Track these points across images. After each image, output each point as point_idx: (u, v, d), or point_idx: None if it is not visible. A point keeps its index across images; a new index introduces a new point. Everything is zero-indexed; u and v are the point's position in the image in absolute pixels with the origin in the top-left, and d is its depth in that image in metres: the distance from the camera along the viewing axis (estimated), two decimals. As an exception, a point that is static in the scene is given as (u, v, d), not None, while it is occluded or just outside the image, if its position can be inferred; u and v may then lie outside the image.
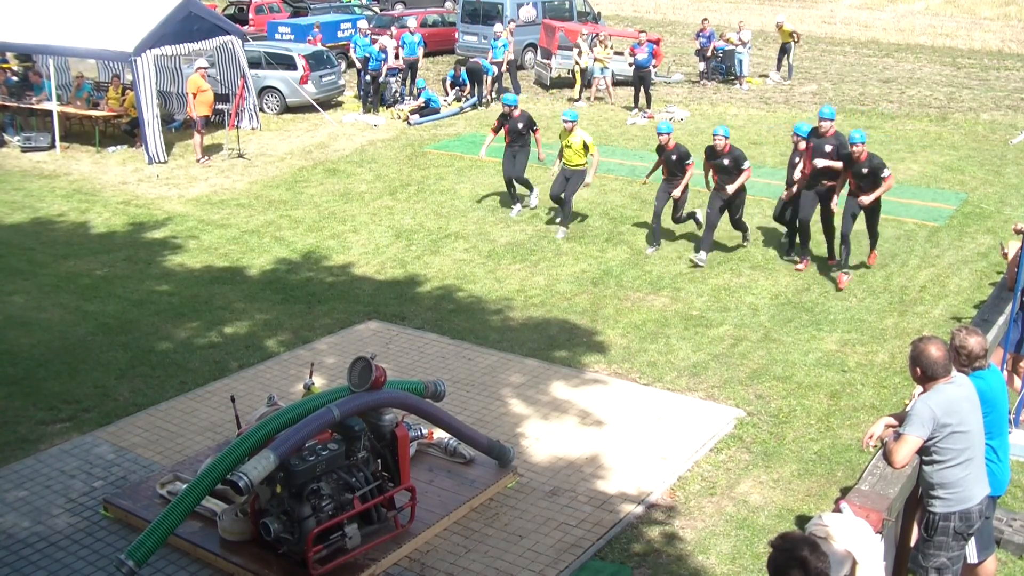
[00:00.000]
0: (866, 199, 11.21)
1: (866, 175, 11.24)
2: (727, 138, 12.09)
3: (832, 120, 11.84)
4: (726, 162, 12.06)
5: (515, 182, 14.32)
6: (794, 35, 25.95)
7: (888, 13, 42.10)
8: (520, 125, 14.04)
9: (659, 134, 12.72)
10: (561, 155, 13.46)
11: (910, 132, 20.26)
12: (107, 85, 19.72)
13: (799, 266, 12.12)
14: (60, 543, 6.68)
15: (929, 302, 11.20)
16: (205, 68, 17.52)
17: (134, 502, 6.96)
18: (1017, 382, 8.24)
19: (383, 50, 22.17)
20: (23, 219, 14.36)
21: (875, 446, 5.60)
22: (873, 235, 11.92)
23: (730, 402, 8.83)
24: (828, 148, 11.62)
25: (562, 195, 13.44)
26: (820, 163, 11.55)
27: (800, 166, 12.02)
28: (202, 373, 9.35)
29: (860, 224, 11.71)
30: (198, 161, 17.41)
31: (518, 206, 14.47)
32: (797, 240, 12.35)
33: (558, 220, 13.76)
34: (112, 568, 6.23)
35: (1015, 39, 34.90)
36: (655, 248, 12.79)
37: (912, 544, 5.98)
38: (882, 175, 11.19)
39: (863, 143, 11.21)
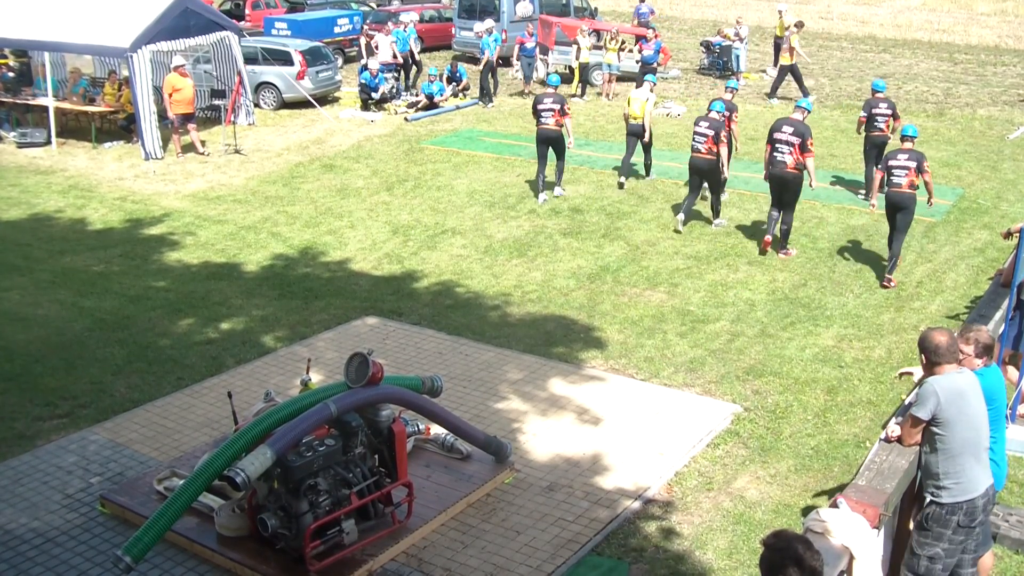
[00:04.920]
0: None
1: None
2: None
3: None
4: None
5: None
6: (789, 28, 25.87)
7: (885, 9, 42.06)
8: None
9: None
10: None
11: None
12: (103, 81, 19.67)
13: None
14: (57, 539, 6.68)
15: (926, 297, 11.22)
16: (182, 66, 17.45)
17: (131, 498, 6.96)
18: (1013, 374, 8.24)
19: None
20: (19, 215, 14.33)
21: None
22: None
23: (727, 397, 8.84)
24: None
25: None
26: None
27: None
28: (199, 369, 9.34)
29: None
30: (177, 155, 17.44)
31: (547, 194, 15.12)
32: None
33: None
34: (109, 564, 6.25)
35: (1012, 35, 34.88)
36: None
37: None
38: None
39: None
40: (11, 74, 20.06)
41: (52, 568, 6.37)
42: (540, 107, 14.62)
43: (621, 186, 15.56)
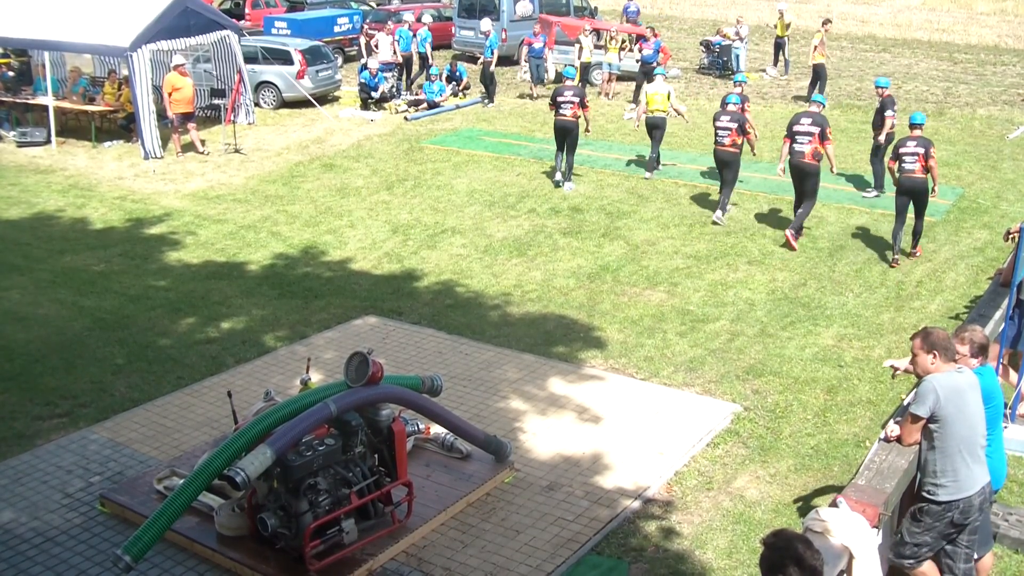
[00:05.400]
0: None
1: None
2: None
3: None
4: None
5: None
6: (789, 26, 25.87)
7: (885, 8, 42.05)
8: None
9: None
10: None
11: (906, 127, 20.22)
12: (103, 80, 19.67)
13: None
14: (57, 539, 6.68)
15: (926, 297, 11.22)
16: (182, 65, 17.45)
17: (131, 497, 6.96)
18: (1013, 376, 8.24)
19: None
20: (19, 214, 14.33)
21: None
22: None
23: (727, 397, 8.84)
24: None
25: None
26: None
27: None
28: (199, 368, 9.34)
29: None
30: (177, 155, 17.47)
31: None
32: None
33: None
34: (109, 563, 6.25)
35: (1011, 34, 34.86)
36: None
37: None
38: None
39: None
40: (11, 73, 20.05)
41: (52, 567, 6.37)
42: (560, 99, 15.25)
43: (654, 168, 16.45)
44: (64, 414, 8.42)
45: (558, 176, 15.58)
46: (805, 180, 12.91)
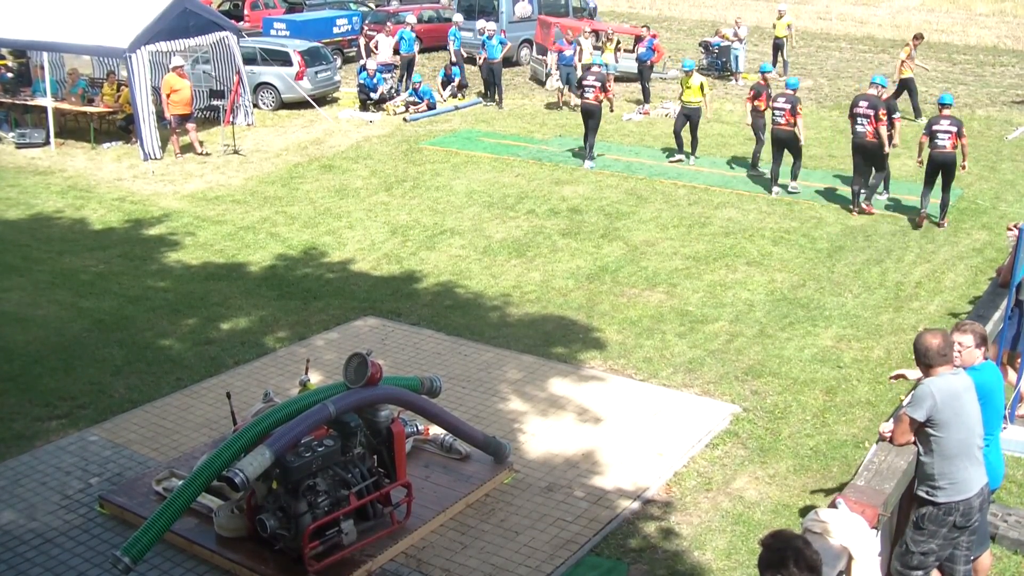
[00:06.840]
0: None
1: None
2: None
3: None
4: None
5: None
6: (790, 28, 25.88)
7: (884, 9, 42.05)
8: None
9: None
10: (681, 96, 17.14)
11: (905, 128, 20.21)
12: (102, 81, 19.66)
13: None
14: (56, 540, 6.68)
15: (925, 298, 11.23)
16: (180, 67, 17.45)
17: (130, 499, 6.96)
18: (1012, 376, 8.25)
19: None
20: (18, 216, 14.33)
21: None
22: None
23: (726, 398, 8.84)
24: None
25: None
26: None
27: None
28: (198, 369, 9.34)
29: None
30: (176, 156, 17.49)
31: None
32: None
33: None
34: (108, 565, 6.24)
35: (1010, 35, 34.87)
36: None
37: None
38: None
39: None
40: (10, 75, 20.03)
41: (51, 569, 6.37)
42: (584, 83, 16.84)
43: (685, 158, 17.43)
44: (63, 415, 8.42)
45: (588, 163, 16.75)
46: (866, 157, 14.04)
